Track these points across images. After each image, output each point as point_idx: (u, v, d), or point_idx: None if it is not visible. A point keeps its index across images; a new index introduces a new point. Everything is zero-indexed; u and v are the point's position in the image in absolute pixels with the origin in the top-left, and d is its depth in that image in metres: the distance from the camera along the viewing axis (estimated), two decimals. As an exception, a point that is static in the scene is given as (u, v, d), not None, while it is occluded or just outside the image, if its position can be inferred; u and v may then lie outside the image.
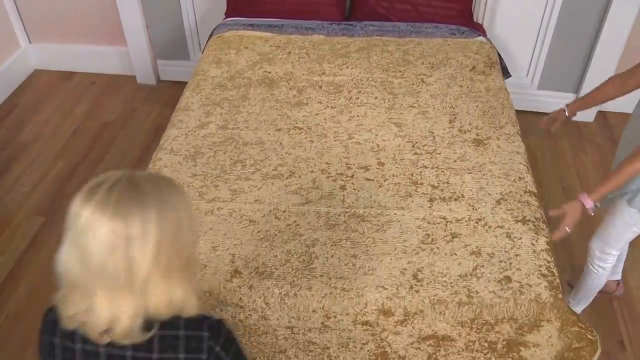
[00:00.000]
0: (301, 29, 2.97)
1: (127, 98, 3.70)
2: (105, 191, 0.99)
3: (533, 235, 1.84)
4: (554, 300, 1.64)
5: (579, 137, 3.36)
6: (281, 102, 2.45)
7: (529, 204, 1.95)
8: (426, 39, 2.84)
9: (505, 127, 2.32)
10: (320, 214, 1.92)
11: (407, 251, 1.80)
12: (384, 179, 2.07)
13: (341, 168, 2.11)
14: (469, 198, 1.98)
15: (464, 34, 2.93)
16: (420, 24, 2.96)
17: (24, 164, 3.19)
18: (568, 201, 1.82)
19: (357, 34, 2.93)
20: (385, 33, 2.93)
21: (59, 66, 3.94)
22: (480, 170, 2.10)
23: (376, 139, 2.25)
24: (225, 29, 3.00)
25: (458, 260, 1.76)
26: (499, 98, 2.47)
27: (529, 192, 2.00)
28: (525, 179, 2.04)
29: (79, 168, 3.16)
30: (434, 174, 2.09)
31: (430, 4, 3.02)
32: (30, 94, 3.77)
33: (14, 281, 2.54)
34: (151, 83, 3.80)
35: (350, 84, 2.56)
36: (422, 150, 2.20)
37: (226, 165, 2.12)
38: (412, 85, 2.55)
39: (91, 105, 3.65)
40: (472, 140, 2.23)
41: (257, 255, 1.80)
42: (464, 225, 1.88)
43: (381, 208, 1.94)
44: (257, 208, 1.95)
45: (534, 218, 1.90)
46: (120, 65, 3.84)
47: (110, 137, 3.38)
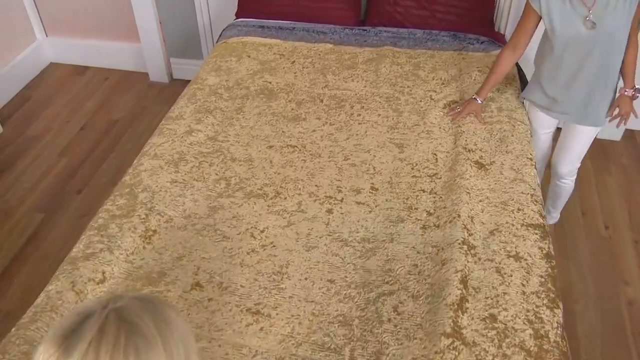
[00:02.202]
0: (312, 32, 2.87)
1: (138, 95, 3.68)
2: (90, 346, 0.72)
3: (524, 275, 1.67)
4: (538, 351, 1.48)
5: (603, 156, 3.13)
6: (277, 116, 2.33)
7: (525, 239, 1.78)
8: (439, 52, 2.68)
9: (513, 151, 2.15)
10: (300, 235, 1.80)
11: (389, 281, 1.65)
12: (375, 204, 1.92)
13: (331, 191, 1.97)
14: (464, 220, 1.82)
15: (483, 43, 2.76)
16: (437, 32, 2.82)
17: (29, 158, 3.19)
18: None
19: (371, 40, 2.80)
20: (399, 40, 2.79)
21: (74, 60, 3.97)
22: (478, 196, 1.94)
23: (373, 160, 2.11)
24: (234, 30, 2.92)
25: (446, 291, 1.60)
26: (512, 119, 2.29)
27: (527, 225, 1.83)
28: (525, 211, 1.87)
29: (83, 165, 3.13)
30: (431, 199, 1.94)
31: (449, 11, 2.86)
32: (43, 87, 3.79)
33: (9, 278, 2.50)
34: (163, 81, 3.77)
35: (353, 98, 2.43)
36: (422, 172, 2.05)
37: (209, 180, 2.01)
38: (420, 102, 2.40)
39: (102, 101, 3.63)
40: (475, 163, 2.07)
41: (224, 271, 1.68)
42: (456, 250, 1.72)
43: (368, 233, 1.80)
44: (234, 225, 1.83)
45: (528, 255, 1.73)
46: (134, 61, 3.83)
47: (117, 135, 3.35)
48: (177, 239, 1.78)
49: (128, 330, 0.74)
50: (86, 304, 0.79)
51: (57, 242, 2.66)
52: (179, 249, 1.75)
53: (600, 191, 2.92)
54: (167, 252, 1.73)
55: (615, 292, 2.42)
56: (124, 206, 1.87)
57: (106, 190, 2.86)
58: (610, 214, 2.78)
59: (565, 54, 2.02)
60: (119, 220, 1.81)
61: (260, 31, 2.89)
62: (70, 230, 2.72)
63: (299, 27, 2.91)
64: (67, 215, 2.81)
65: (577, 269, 2.51)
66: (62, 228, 2.74)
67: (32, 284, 2.46)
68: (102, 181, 3.01)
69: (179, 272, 1.69)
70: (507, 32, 3.00)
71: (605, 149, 3.17)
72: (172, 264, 1.70)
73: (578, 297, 2.40)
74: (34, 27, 3.84)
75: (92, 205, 2.81)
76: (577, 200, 2.85)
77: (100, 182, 3.01)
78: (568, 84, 2.10)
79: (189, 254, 1.73)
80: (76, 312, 0.77)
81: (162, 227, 1.80)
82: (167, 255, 1.72)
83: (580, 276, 2.49)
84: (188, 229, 1.82)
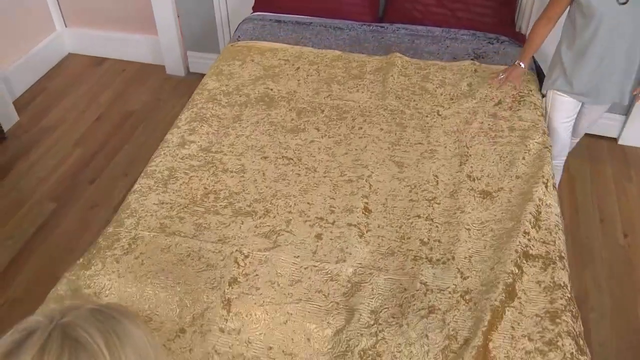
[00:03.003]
0: (330, 28, 2.83)
1: (154, 88, 3.67)
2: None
3: (517, 317, 1.55)
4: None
5: (624, 162, 3.03)
6: (276, 126, 2.24)
7: (528, 275, 1.66)
8: (450, 63, 2.56)
9: (523, 176, 2.02)
10: (285, 264, 1.71)
11: (369, 324, 1.56)
12: (366, 229, 1.83)
13: (323, 211, 1.88)
14: (460, 262, 1.72)
15: (503, 43, 2.70)
16: (457, 31, 2.79)
17: (44, 148, 3.21)
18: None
19: (388, 37, 2.75)
20: (417, 37, 2.74)
21: (92, 51, 3.98)
22: (481, 229, 1.83)
23: (370, 178, 2.01)
24: (250, 24, 2.87)
25: (427, 345, 1.51)
26: (524, 139, 2.16)
27: (534, 256, 1.71)
28: (532, 243, 1.75)
29: (97, 156, 3.15)
30: (426, 227, 1.83)
31: (470, 9, 2.80)
32: (61, 77, 3.80)
33: (17, 267, 2.51)
34: (180, 74, 3.76)
35: (356, 110, 2.32)
36: (420, 196, 1.94)
37: (197, 195, 1.94)
38: (426, 117, 2.28)
39: (118, 93, 3.64)
40: (480, 190, 1.96)
41: (204, 310, 1.60)
42: (446, 299, 1.62)
43: (355, 266, 1.71)
44: (219, 249, 1.76)
45: (523, 292, 1.61)
46: (151, 54, 3.82)
47: (131, 127, 3.36)
48: (160, 264, 1.70)
49: (72, 347, 0.69)
50: (33, 318, 0.73)
51: (67, 232, 2.68)
52: (161, 281, 1.67)
53: (620, 198, 2.82)
54: (149, 287, 1.64)
55: (632, 302, 2.35)
56: (110, 236, 1.80)
57: (118, 182, 2.93)
58: (630, 221, 2.70)
59: (599, 31, 2.02)
60: (102, 253, 1.75)
61: (277, 26, 2.83)
62: (80, 220, 2.74)
63: (316, 22, 2.87)
64: (78, 205, 2.83)
65: (593, 277, 2.45)
66: (73, 218, 2.76)
67: (39, 274, 2.47)
68: (115, 172, 3.03)
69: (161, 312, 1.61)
70: (528, 33, 2.87)
71: (626, 155, 3.07)
72: (155, 303, 1.62)
73: (593, 305, 2.33)
74: (53, 17, 3.84)
75: (103, 196, 2.86)
76: (596, 207, 2.76)
77: (113, 173, 3.02)
78: (599, 61, 2.10)
79: (172, 287, 1.65)
80: (21, 328, 0.71)
81: (146, 257, 1.73)
82: (149, 290, 1.64)
83: (596, 285, 2.41)
84: (172, 251, 1.74)
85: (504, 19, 2.85)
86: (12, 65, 3.55)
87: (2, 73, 3.42)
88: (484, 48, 2.69)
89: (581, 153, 2.63)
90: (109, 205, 2.81)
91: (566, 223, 2.65)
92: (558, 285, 1.65)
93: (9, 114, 3.36)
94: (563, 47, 2.19)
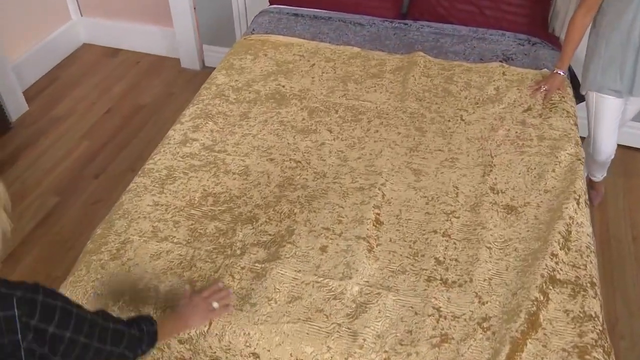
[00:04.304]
0: (349, 23, 2.68)
1: (168, 81, 3.58)
2: None
3: (541, 350, 1.38)
4: None
5: None
6: (285, 125, 2.08)
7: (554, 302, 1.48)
8: (476, 65, 2.37)
9: (552, 191, 1.84)
10: (285, 279, 1.56)
11: (374, 350, 1.40)
12: (376, 243, 1.66)
13: (329, 221, 1.72)
14: (478, 285, 1.55)
15: (534, 45, 2.52)
16: (485, 30, 2.62)
17: (51, 139, 3.14)
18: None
19: (411, 35, 2.59)
20: (442, 36, 2.58)
21: (107, 42, 3.90)
22: (503, 248, 1.65)
23: (384, 186, 1.84)
24: (266, 17, 2.75)
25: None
26: (554, 149, 1.98)
27: (562, 282, 1.53)
28: (560, 266, 1.57)
29: (104, 150, 3.06)
30: (443, 243, 1.66)
31: (499, 7, 2.62)
32: (74, 67, 3.73)
33: (14, 261, 2.43)
34: (195, 68, 3.66)
35: (373, 111, 2.16)
36: (438, 209, 1.77)
37: (195, 198, 1.80)
38: (448, 122, 2.11)
39: (130, 85, 3.55)
40: (504, 207, 1.78)
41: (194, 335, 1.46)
42: (461, 327, 1.45)
43: (361, 285, 1.54)
44: (213, 259, 1.61)
45: (549, 322, 1.44)
46: (166, 46, 3.72)
47: (141, 121, 3.26)
48: (148, 273, 1.56)
49: None
50: None
51: (67, 227, 2.60)
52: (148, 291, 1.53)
53: (656, 214, 2.63)
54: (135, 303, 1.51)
55: (666, 330, 2.16)
56: (97, 238, 1.67)
57: (123, 177, 2.84)
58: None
59: (638, 15, 1.95)
60: (88, 257, 1.62)
61: (293, 19, 2.69)
62: (82, 216, 2.66)
63: (335, 16, 2.73)
64: (81, 200, 2.75)
65: (624, 301, 2.27)
66: (75, 213, 2.67)
67: (37, 270, 2.38)
68: (121, 167, 2.93)
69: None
70: (561, 36, 2.67)
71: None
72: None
73: (624, 333, 2.17)
74: (69, 6, 3.76)
75: (107, 191, 2.77)
76: (628, 224, 2.58)
77: (119, 168, 2.93)
78: (638, 51, 2.02)
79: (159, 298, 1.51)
80: None
81: (133, 263, 1.59)
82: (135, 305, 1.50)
83: (628, 309, 2.24)
84: (162, 258, 1.60)
85: (536, 19, 2.66)
86: (25, 54, 3.46)
87: (13, 61, 3.34)
88: (514, 50, 2.51)
89: (613, 165, 2.44)
90: (112, 202, 2.65)
91: (596, 241, 2.46)
92: (589, 316, 1.47)
93: (18, 103, 3.28)
94: (599, 39, 2.08)
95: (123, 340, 1.13)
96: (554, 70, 2.24)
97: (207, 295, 1.43)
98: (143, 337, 1.19)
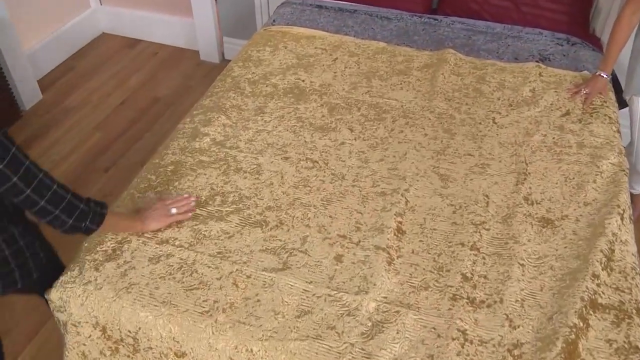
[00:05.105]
0: (375, 17, 2.55)
1: (186, 74, 3.49)
2: None
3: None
4: None
5: None
6: (303, 122, 1.94)
7: (594, 329, 1.31)
8: (511, 64, 2.21)
9: (593, 204, 1.66)
10: (294, 291, 1.41)
11: (391, 380, 1.24)
12: (397, 254, 1.51)
13: (347, 228, 1.57)
14: (509, 306, 1.38)
15: (574, 45, 2.35)
16: (521, 28, 2.46)
17: (63, 130, 3.06)
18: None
19: (442, 31, 2.44)
20: (474, 34, 2.43)
21: (126, 32, 3.82)
22: (538, 265, 1.49)
23: (408, 192, 1.68)
24: (288, 8, 2.62)
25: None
26: (595, 158, 1.80)
27: (603, 307, 1.36)
28: (602, 289, 1.40)
29: (116, 142, 2.98)
30: (471, 258, 1.50)
31: (537, 4, 2.47)
32: (91, 57, 3.65)
33: None
34: (214, 61, 3.57)
35: (398, 110, 2.00)
36: (466, 219, 1.61)
37: (202, 196, 1.66)
38: (479, 125, 1.95)
39: (147, 77, 3.47)
40: (539, 220, 1.61)
41: (190, 337, 1.32)
42: (489, 354, 1.28)
43: (379, 301, 1.39)
44: (217, 265, 1.47)
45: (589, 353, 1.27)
46: (185, 38, 3.63)
47: (156, 114, 3.17)
48: (145, 277, 1.43)
49: None
50: None
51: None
52: (143, 297, 1.40)
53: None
54: (128, 304, 1.38)
55: None
56: (94, 237, 1.55)
57: (134, 171, 2.73)
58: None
59: None
60: (82, 257, 1.50)
61: (317, 11, 2.56)
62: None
63: (361, 9, 2.60)
64: (90, 193, 2.63)
65: None
66: None
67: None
68: (132, 161, 2.84)
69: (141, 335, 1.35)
70: (603, 37, 2.49)
71: None
72: (134, 324, 1.36)
73: None
74: (88, -6, 3.69)
75: (116, 185, 2.68)
76: None
77: (130, 161, 2.84)
78: None
79: (155, 307, 1.38)
80: None
81: (130, 267, 1.46)
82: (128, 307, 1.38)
83: None
84: (161, 262, 1.47)
85: (577, 17, 2.49)
86: (42, 42, 3.38)
87: (29, 49, 3.26)
88: (551, 49, 2.33)
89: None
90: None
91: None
92: (635, 348, 1.30)
93: (33, 92, 3.20)
94: None
95: (73, 212, 1.24)
96: (595, 72, 2.06)
97: (169, 203, 1.53)
98: (89, 214, 1.27)
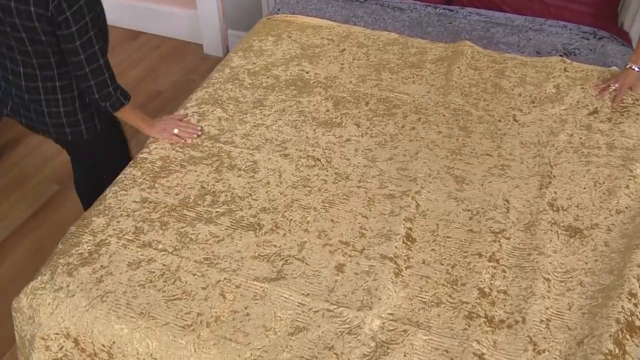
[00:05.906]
0: (387, 7, 2.39)
1: (189, 67, 3.35)
2: None
3: None
4: None
5: None
6: (305, 116, 1.78)
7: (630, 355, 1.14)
8: (532, 59, 2.04)
9: (626, 212, 1.49)
10: (289, 304, 1.25)
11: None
12: (406, 265, 1.34)
13: (350, 234, 1.41)
14: (533, 327, 1.21)
15: (601, 39, 2.18)
16: (543, 21, 2.29)
17: None
18: None
19: (458, 23, 2.27)
20: (493, 26, 2.26)
21: (129, 24, 3.69)
22: (565, 280, 1.32)
23: (419, 195, 1.52)
24: None
25: None
26: (628, 161, 1.63)
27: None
28: (638, 315, 1.23)
29: None
30: (489, 270, 1.33)
31: None
32: (91, 49, 3.53)
33: (5, 252, 2.26)
34: (218, 55, 3.41)
35: (410, 105, 1.83)
36: (483, 227, 1.44)
37: (191, 196, 1.50)
38: (498, 122, 1.78)
39: (148, 70, 3.33)
40: (566, 226, 1.44)
41: (169, 353, 1.16)
42: (510, 382, 1.12)
43: (384, 318, 1.23)
44: (203, 272, 1.31)
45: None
46: (189, 31, 3.50)
47: (156, 108, 3.02)
48: (123, 285, 1.27)
49: None
50: None
51: (64, 220, 2.37)
52: (119, 307, 1.24)
53: None
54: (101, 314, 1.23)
55: None
56: (70, 237, 1.40)
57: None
58: None
59: None
60: (55, 260, 1.34)
61: (324, 1, 2.42)
62: (80, 207, 2.41)
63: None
64: None
65: None
66: (74, 203, 2.44)
67: (26, 263, 2.20)
68: (132, 155, 2.69)
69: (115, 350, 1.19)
70: (632, 32, 2.31)
71: None
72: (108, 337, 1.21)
73: None
74: (91, -16, 3.58)
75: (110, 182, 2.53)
76: None
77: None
78: None
79: (131, 318, 1.23)
80: None
81: (106, 272, 1.31)
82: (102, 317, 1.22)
83: None
84: (142, 268, 1.31)
85: (604, 10, 2.31)
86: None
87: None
88: (577, 44, 2.16)
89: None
90: (114, 194, 2.45)
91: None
92: (678, 379, 1.12)
93: (27, 84, 3.07)
94: None
95: (102, 90, 1.45)
96: (626, 65, 1.88)
97: (180, 123, 1.66)
98: (112, 98, 1.50)
